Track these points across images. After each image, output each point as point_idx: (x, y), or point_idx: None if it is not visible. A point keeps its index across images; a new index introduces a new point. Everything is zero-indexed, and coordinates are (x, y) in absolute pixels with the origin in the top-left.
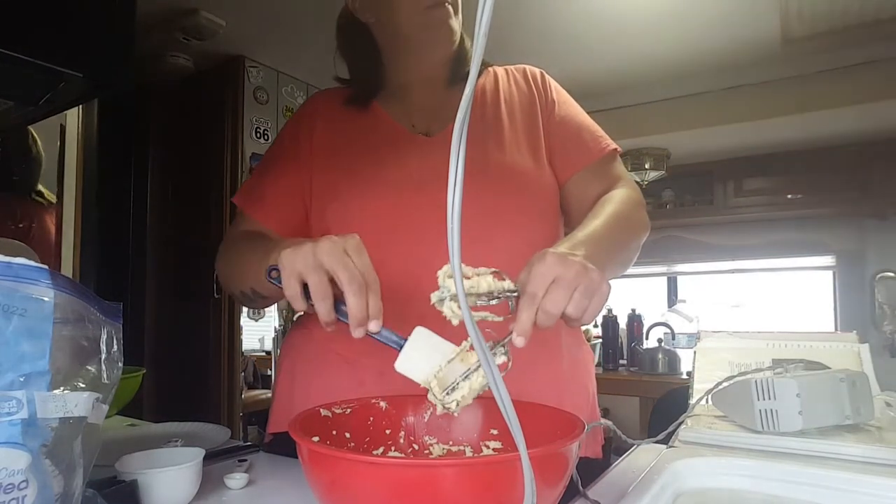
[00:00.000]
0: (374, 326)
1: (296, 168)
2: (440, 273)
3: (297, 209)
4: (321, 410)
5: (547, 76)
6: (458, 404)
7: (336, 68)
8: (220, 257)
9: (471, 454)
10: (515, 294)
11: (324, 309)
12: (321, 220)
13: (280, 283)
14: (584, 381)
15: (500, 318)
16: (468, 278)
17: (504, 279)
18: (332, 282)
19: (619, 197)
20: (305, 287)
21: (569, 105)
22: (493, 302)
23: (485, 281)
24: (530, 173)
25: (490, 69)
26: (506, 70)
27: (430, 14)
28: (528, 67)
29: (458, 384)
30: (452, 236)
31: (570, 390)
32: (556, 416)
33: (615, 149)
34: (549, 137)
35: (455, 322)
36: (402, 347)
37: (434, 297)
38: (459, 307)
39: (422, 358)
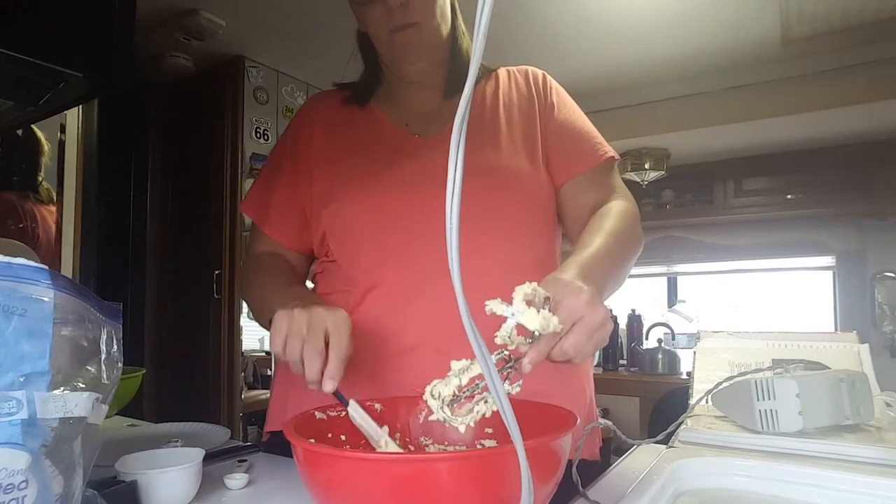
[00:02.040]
0: (328, 387)
1: (295, 177)
2: (516, 292)
3: (303, 221)
4: (316, 413)
5: (549, 78)
6: (473, 420)
7: (345, 73)
8: (243, 283)
9: None
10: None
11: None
12: (318, 223)
13: None
14: (582, 382)
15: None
16: (529, 303)
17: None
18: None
19: (618, 212)
20: None
21: (569, 109)
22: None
23: (551, 323)
24: (526, 176)
25: (493, 72)
26: (508, 71)
27: (394, 38)
28: (530, 69)
29: (472, 404)
30: (452, 238)
31: (568, 392)
32: (549, 412)
33: (612, 156)
34: (547, 141)
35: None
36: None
37: (503, 325)
38: (527, 339)
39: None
